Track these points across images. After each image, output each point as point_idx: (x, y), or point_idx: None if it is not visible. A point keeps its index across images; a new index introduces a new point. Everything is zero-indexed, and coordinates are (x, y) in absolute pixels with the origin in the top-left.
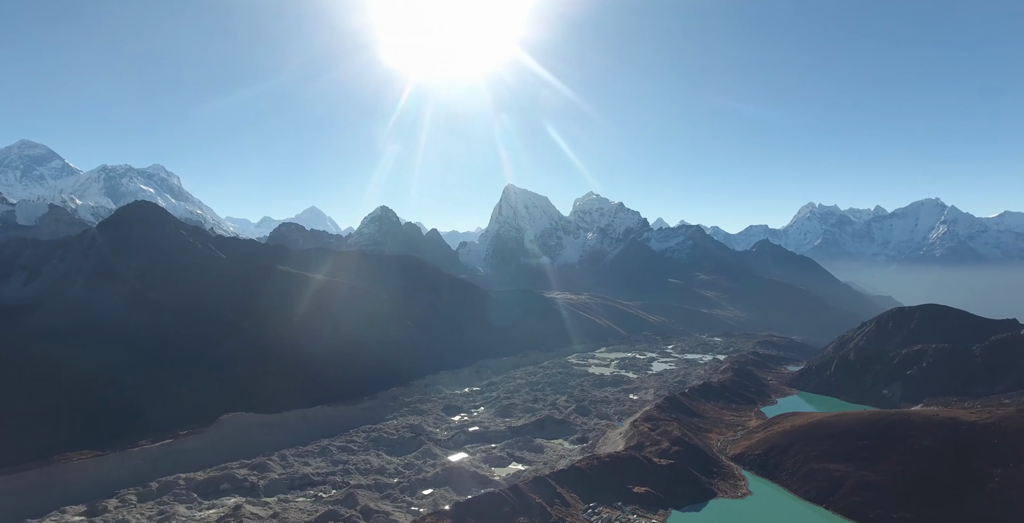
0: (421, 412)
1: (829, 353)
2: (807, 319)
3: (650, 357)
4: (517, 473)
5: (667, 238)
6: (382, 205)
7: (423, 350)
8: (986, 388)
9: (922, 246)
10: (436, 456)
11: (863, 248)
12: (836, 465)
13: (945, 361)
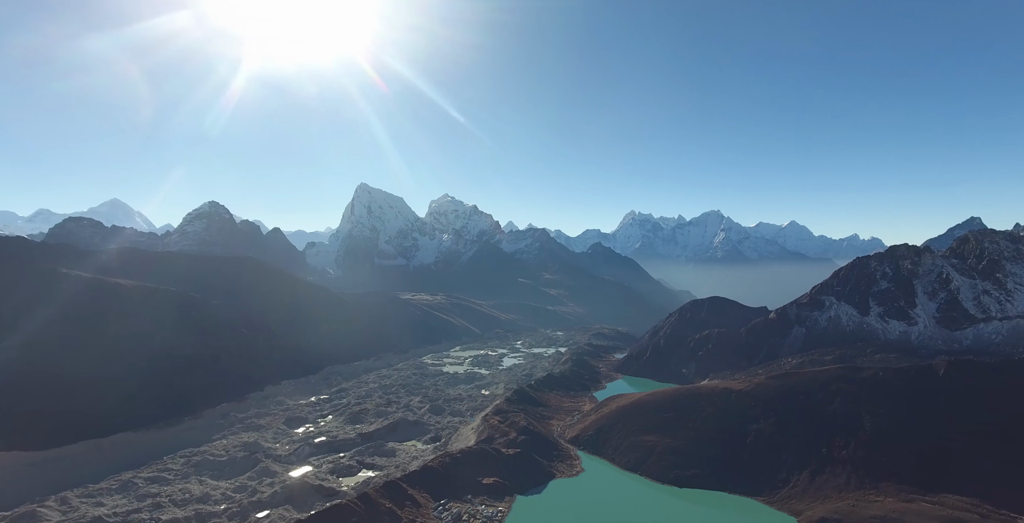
0: (258, 428)
1: (645, 341)
2: (631, 311)
3: (501, 353)
4: (367, 480)
5: (517, 240)
6: (211, 200)
7: (263, 359)
8: (748, 362)
9: (709, 249)
10: (275, 474)
11: (670, 250)
12: (649, 436)
13: (723, 342)
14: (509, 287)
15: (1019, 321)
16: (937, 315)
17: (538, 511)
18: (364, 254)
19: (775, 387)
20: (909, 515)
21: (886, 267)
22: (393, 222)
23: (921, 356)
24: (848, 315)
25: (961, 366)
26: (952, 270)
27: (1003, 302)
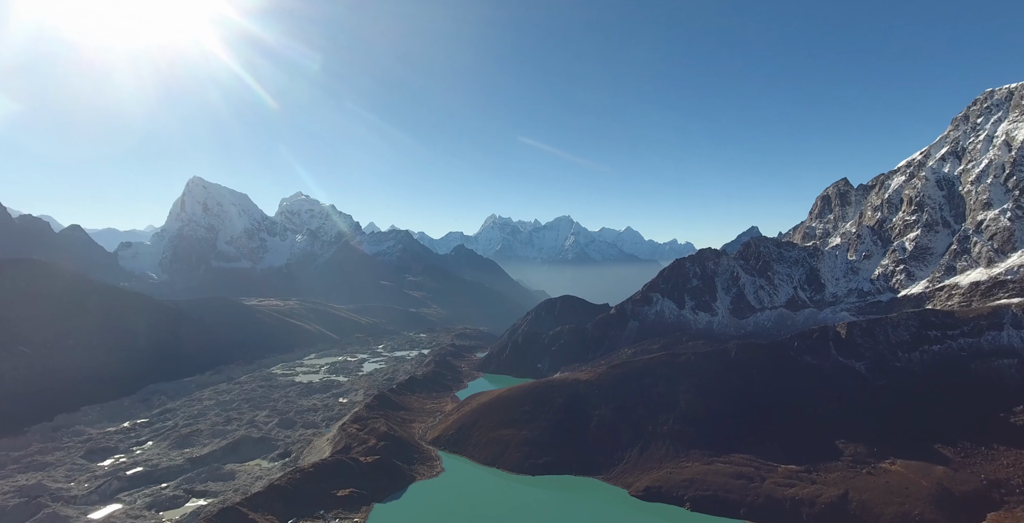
0: (42, 466)
1: (505, 339)
2: (492, 311)
3: (361, 358)
4: (197, 510)
5: (379, 242)
6: None
7: (56, 382)
8: (594, 354)
9: (561, 251)
10: (66, 520)
11: (527, 253)
12: (507, 430)
13: (573, 337)
14: (371, 290)
15: (781, 310)
16: (731, 307)
17: (394, 516)
18: (199, 256)
19: (614, 375)
20: (709, 475)
21: (696, 267)
22: (236, 221)
23: (720, 341)
24: (670, 309)
25: (745, 348)
26: (740, 270)
27: (772, 295)
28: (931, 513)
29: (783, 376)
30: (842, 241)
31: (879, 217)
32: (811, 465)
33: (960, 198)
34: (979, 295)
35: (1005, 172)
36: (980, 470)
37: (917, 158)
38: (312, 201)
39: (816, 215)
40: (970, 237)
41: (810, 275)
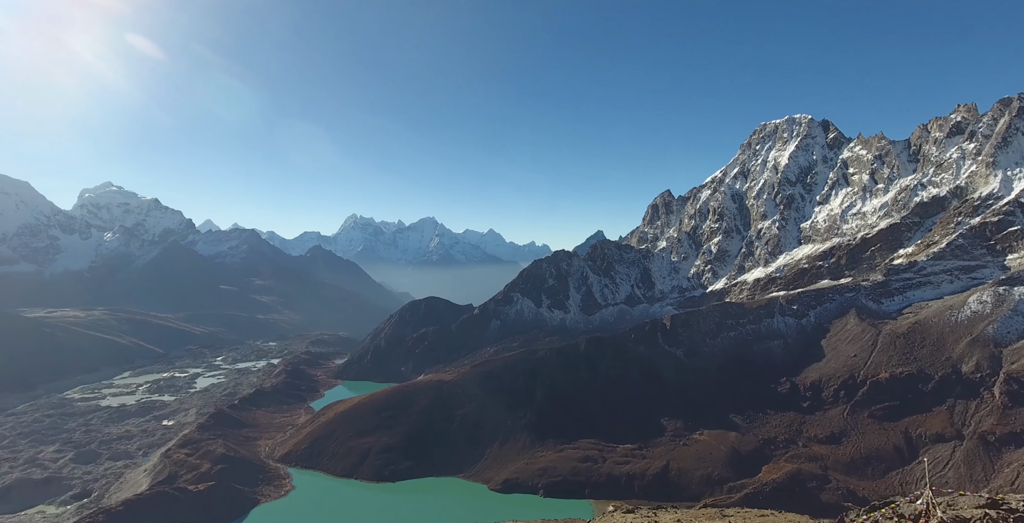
0: None
1: (367, 343)
2: (353, 315)
3: (194, 374)
4: None
5: (218, 242)
6: None
7: None
8: (458, 354)
9: (426, 253)
10: None
11: (391, 254)
12: (366, 439)
13: (437, 339)
14: (207, 296)
15: (622, 306)
16: (581, 304)
17: None
18: None
19: (476, 374)
20: (560, 462)
21: (552, 268)
22: (12, 215)
23: (572, 336)
24: (529, 308)
25: (592, 342)
26: (589, 270)
27: (615, 292)
28: (726, 472)
29: (623, 365)
30: (667, 244)
31: (693, 224)
32: (643, 443)
33: (747, 210)
34: (760, 289)
35: (774, 190)
36: (759, 432)
37: (718, 175)
38: (127, 193)
39: (648, 221)
40: (753, 242)
41: (644, 274)
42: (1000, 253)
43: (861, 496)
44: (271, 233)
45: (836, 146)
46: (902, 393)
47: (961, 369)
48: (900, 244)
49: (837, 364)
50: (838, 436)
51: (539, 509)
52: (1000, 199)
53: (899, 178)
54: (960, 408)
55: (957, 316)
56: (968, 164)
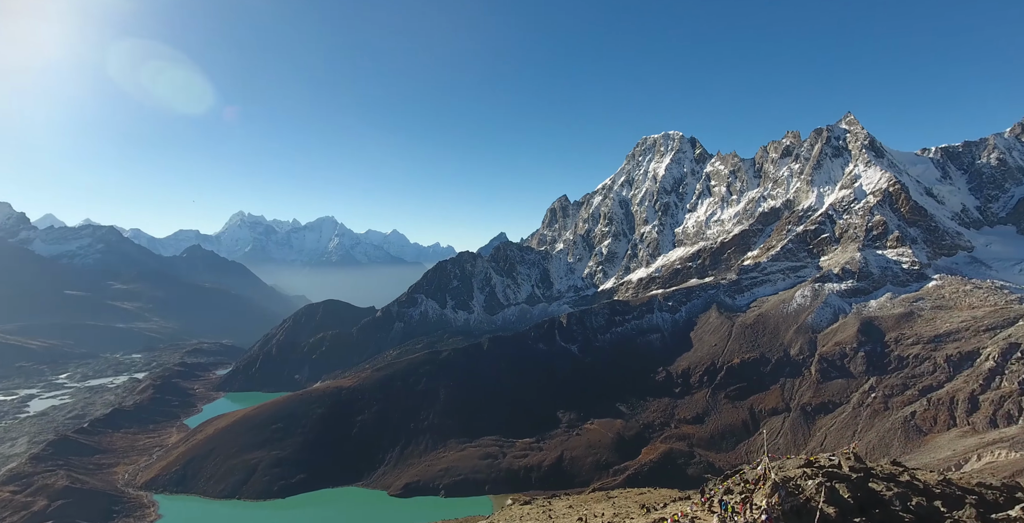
0: None
1: (256, 351)
2: (239, 322)
3: (27, 395)
4: None
5: (63, 240)
6: None
7: None
8: (359, 359)
9: (325, 253)
10: None
11: (285, 254)
12: (253, 454)
13: (337, 343)
14: (48, 303)
15: (523, 305)
16: (484, 304)
17: None
18: None
19: (378, 378)
20: (462, 460)
21: (456, 269)
22: None
23: (476, 336)
24: (433, 309)
25: (495, 341)
26: (492, 271)
27: (516, 292)
28: (612, 456)
29: (524, 362)
30: (564, 246)
31: (586, 228)
32: (540, 435)
33: (632, 215)
34: (642, 288)
35: (654, 198)
36: (640, 418)
37: (608, 183)
38: None
39: (547, 224)
40: (637, 245)
41: (543, 275)
42: (816, 255)
43: (718, 467)
44: (136, 231)
45: (702, 161)
46: (749, 375)
47: (790, 352)
48: (748, 247)
49: (702, 353)
50: (702, 416)
51: (440, 510)
52: (816, 211)
53: (747, 191)
54: (789, 385)
55: (787, 308)
56: (795, 181)
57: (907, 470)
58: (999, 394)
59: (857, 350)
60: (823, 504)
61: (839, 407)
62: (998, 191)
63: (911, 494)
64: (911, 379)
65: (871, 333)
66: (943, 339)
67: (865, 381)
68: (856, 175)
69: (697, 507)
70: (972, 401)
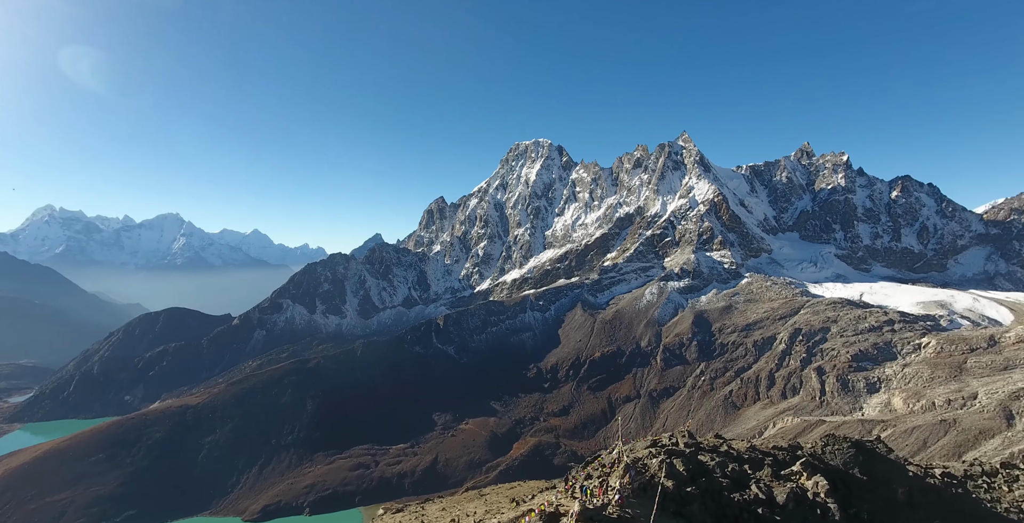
0: None
1: (70, 371)
2: (45, 337)
3: None
4: None
5: None
6: None
7: None
8: (210, 373)
9: (168, 255)
10: None
11: (113, 257)
12: (62, 494)
13: (182, 357)
14: None
15: (399, 308)
16: (358, 308)
17: None
18: None
19: (234, 393)
20: (330, 474)
21: (328, 271)
22: None
23: (349, 342)
24: (300, 315)
25: (369, 346)
26: (367, 273)
27: (392, 295)
28: (485, 454)
29: (400, 366)
30: (441, 248)
31: (463, 229)
32: (415, 440)
33: (507, 218)
34: (515, 288)
35: (526, 202)
36: (512, 414)
37: (483, 186)
38: None
39: (424, 225)
40: (511, 247)
41: (420, 277)
42: (662, 257)
43: (581, 455)
44: None
45: (568, 168)
46: (607, 367)
47: (641, 344)
48: (608, 250)
49: (568, 349)
50: (567, 408)
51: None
52: (661, 217)
53: (607, 197)
54: (640, 374)
55: (639, 305)
56: (644, 190)
57: (725, 441)
58: (788, 371)
59: (691, 340)
60: (663, 478)
61: (678, 391)
62: (787, 203)
63: (728, 462)
64: (730, 362)
65: (702, 324)
66: (751, 327)
67: (697, 367)
68: (691, 186)
69: (562, 495)
70: (770, 378)
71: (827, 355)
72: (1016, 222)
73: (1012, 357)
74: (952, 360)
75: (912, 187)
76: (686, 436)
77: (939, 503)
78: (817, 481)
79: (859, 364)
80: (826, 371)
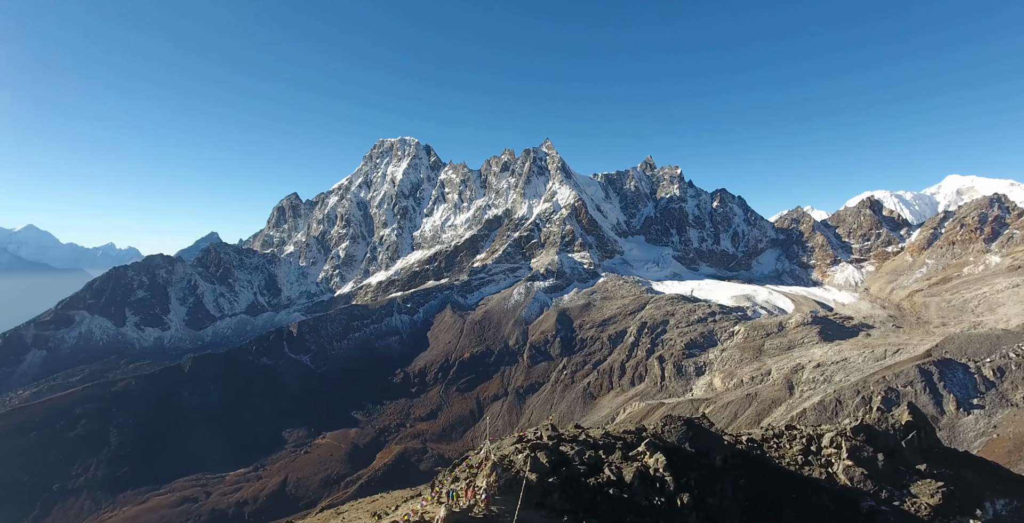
0: None
1: None
2: None
3: None
4: None
5: None
6: None
7: None
8: None
9: None
10: None
11: None
12: None
13: None
14: None
15: (242, 316)
16: (187, 318)
17: None
18: None
19: None
20: (144, 514)
21: (143, 276)
22: None
23: (174, 357)
24: (103, 328)
25: (202, 360)
26: (199, 277)
27: (233, 302)
28: (344, 468)
29: (242, 381)
30: (295, 249)
31: (322, 229)
32: (260, 462)
33: (371, 217)
34: (381, 291)
35: (393, 201)
36: (376, 423)
37: (344, 183)
38: None
39: (274, 224)
40: (377, 248)
41: (269, 280)
42: (529, 258)
43: (448, 458)
44: None
45: (436, 168)
46: (476, 367)
47: (509, 343)
48: (477, 251)
49: (438, 351)
50: (436, 411)
51: None
52: (527, 220)
53: (476, 199)
54: (507, 372)
55: (507, 304)
56: (512, 193)
57: (584, 430)
58: (636, 360)
59: (555, 336)
60: (527, 472)
61: (543, 386)
62: (635, 210)
63: (585, 449)
64: (588, 356)
65: (564, 322)
66: (607, 323)
67: (560, 362)
68: (554, 191)
69: (428, 502)
70: (622, 368)
71: (667, 345)
72: (795, 230)
73: (793, 339)
74: (754, 344)
75: (727, 199)
76: (549, 429)
77: (745, 464)
78: (657, 458)
79: (690, 351)
80: (666, 359)
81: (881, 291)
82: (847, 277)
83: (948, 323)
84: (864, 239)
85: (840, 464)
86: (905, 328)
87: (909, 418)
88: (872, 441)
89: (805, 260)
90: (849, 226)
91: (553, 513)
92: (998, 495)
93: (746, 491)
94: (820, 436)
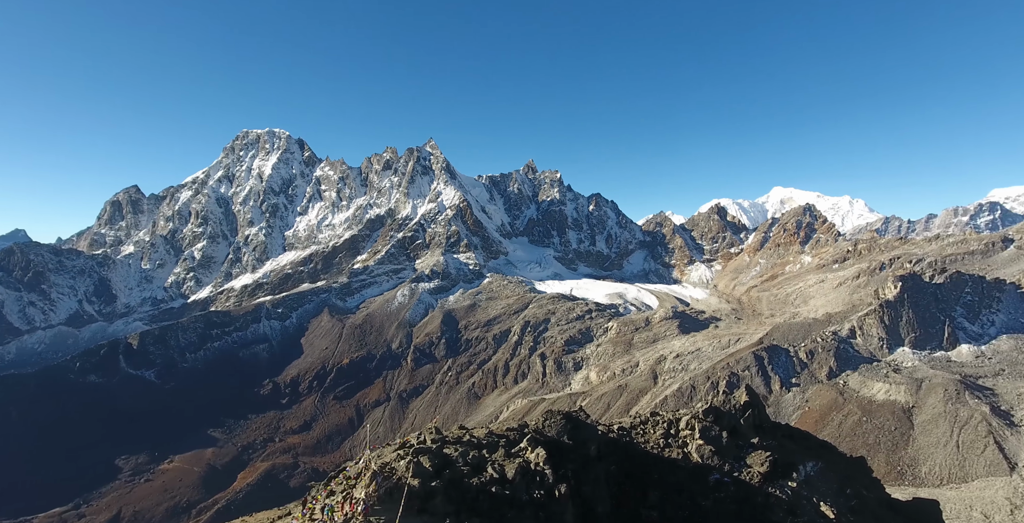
0: None
1: None
2: None
3: None
4: None
5: None
6: None
7: None
8: None
9: None
10: None
11: None
12: None
13: None
14: None
15: (61, 328)
16: None
17: None
18: None
19: None
20: None
21: None
22: None
23: None
24: None
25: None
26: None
27: (47, 312)
28: (197, 494)
29: (60, 405)
30: (136, 249)
31: (171, 227)
32: (84, 497)
33: (234, 215)
34: (247, 295)
35: (260, 198)
36: (238, 440)
37: (200, 176)
38: None
39: (107, 221)
40: (241, 248)
41: (100, 286)
42: (413, 259)
43: (323, 471)
44: None
45: (311, 164)
46: (356, 373)
47: (392, 346)
48: (358, 251)
49: (313, 358)
50: (309, 423)
51: None
52: (412, 220)
53: (356, 198)
54: (390, 377)
55: (391, 307)
56: (395, 193)
57: (468, 431)
58: (520, 359)
59: (440, 338)
60: (409, 478)
61: (427, 389)
62: (519, 211)
63: (469, 450)
64: (473, 356)
65: (450, 323)
66: (492, 323)
67: (445, 363)
68: (439, 192)
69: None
70: (506, 367)
71: (548, 342)
72: (659, 232)
73: (658, 332)
74: (625, 338)
75: (602, 203)
76: (433, 432)
77: (616, 452)
78: (538, 452)
79: (569, 348)
80: (547, 356)
81: (726, 287)
82: (700, 275)
83: (775, 314)
84: (713, 241)
85: (693, 444)
86: (744, 320)
87: (746, 398)
88: (718, 421)
89: (667, 260)
90: (702, 230)
91: (435, 518)
92: (809, 458)
93: (616, 476)
94: (678, 420)
